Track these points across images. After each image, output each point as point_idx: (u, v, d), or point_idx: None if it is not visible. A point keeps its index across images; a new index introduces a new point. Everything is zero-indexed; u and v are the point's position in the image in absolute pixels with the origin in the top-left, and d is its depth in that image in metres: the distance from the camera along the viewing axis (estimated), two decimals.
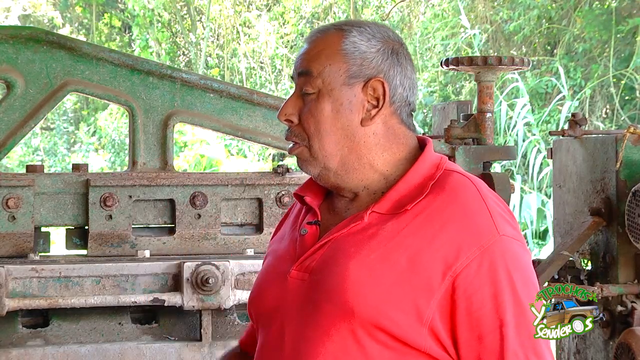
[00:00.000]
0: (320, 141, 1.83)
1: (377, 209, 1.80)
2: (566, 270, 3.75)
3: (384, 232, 1.76)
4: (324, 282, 1.77)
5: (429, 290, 1.71)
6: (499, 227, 1.74)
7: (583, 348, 3.90)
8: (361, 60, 1.83)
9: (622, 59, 12.51)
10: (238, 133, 3.55)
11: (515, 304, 1.72)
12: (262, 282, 1.92)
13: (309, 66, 1.84)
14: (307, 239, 1.87)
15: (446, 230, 1.73)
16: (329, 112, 1.83)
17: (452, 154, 3.62)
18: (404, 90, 1.86)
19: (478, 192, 1.78)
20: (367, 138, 1.84)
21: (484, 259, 1.71)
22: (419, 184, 1.81)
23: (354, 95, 1.83)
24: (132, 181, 3.37)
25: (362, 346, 1.72)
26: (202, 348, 3.18)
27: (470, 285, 1.70)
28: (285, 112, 1.87)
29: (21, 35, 3.36)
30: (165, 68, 3.50)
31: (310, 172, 1.87)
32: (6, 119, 3.34)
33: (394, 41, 1.87)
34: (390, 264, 1.73)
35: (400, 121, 1.86)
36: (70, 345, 3.13)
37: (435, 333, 1.72)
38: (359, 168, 1.84)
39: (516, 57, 3.67)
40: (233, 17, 16.70)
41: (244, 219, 3.51)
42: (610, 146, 3.64)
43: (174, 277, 3.14)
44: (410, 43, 14.87)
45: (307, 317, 1.77)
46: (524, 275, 1.75)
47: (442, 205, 1.76)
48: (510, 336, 1.70)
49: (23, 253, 3.26)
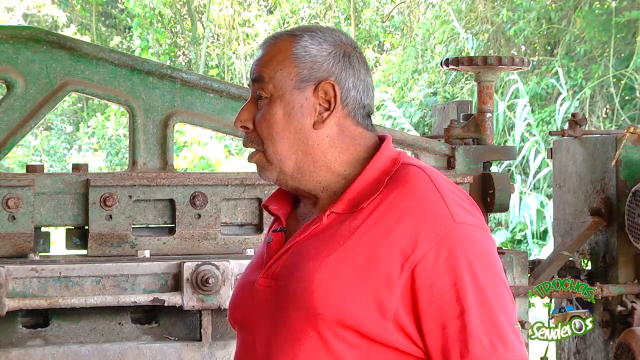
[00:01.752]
0: (274, 145, 1.85)
1: (336, 209, 1.82)
2: (566, 270, 3.75)
3: (341, 231, 1.78)
4: (288, 287, 1.78)
5: (389, 284, 1.71)
6: (455, 215, 1.74)
7: (583, 348, 3.90)
8: (311, 64, 1.84)
9: (622, 59, 12.52)
10: (238, 133, 3.54)
11: (476, 291, 1.71)
12: (236, 292, 1.96)
13: (261, 71, 1.86)
14: (273, 246, 1.89)
15: (402, 223, 1.74)
16: (281, 117, 1.84)
17: (452, 154, 3.62)
18: (357, 92, 1.87)
19: (432, 182, 1.79)
20: (321, 141, 1.85)
21: (442, 247, 1.71)
22: (375, 179, 1.82)
23: (305, 98, 1.84)
24: (132, 181, 3.36)
25: (329, 347, 1.73)
26: (202, 348, 3.18)
27: (430, 274, 1.71)
28: (241, 118, 1.89)
29: (21, 35, 3.36)
30: (165, 68, 3.50)
31: (269, 178, 1.89)
32: (6, 119, 3.34)
33: (346, 45, 1.88)
34: (349, 262, 1.74)
35: (355, 123, 1.87)
36: (70, 345, 3.13)
37: (401, 326, 1.72)
38: (315, 170, 1.86)
39: (516, 57, 3.67)
40: (232, 17, 16.69)
41: (244, 219, 3.51)
42: (610, 146, 3.64)
43: (174, 277, 3.14)
44: (411, 43, 14.87)
45: (275, 323, 1.79)
46: (484, 261, 1.74)
47: (396, 198, 1.77)
48: (473, 323, 1.69)
49: (23, 253, 3.26)
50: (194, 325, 3.26)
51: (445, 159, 3.61)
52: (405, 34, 15.39)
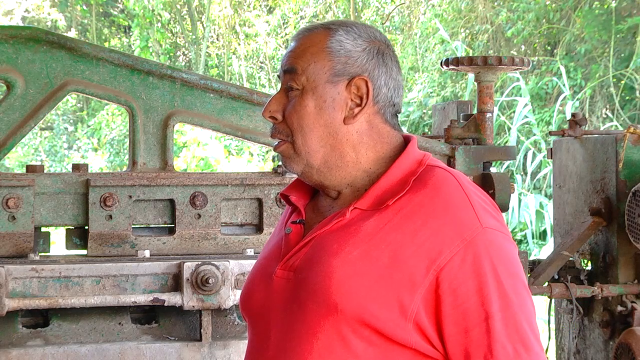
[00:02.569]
0: (303, 137, 1.84)
1: (359, 205, 1.81)
2: (566, 270, 3.75)
3: (365, 229, 1.77)
4: (308, 280, 1.77)
5: (412, 285, 1.71)
6: (482, 220, 1.75)
7: (583, 348, 3.90)
8: (346, 59, 1.84)
9: (622, 59, 12.51)
10: (238, 133, 3.55)
11: (500, 296, 1.71)
12: (250, 282, 1.95)
13: (294, 63, 1.86)
14: (292, 238, 1.88)
15: (428, 225, 1.73)
16: (312, 109, 1.84)
17: (452, 154, 3.62)
18: (388, 90, 1.87)
19: (460, 185, 1.79)
20: (350, 136, 1.85)
21: (468, 251, 1.71)
22: (401, 179, 1.82)
23: (338, 93, 1.84)
24: (132, 181, 3.37)
25: (347, 343, 1.72)
26: (202, 348, 3.18)
27: (455, 278, 1.71)
28: (270, 109, 1.88)
29: (21, 35, 3.36)
30: (165, 68, 3.50)
31: (294, 170, 1.88)
32: (6, 119, 3.34)
33: (380, 42, 1.88)
34: (372, 260, 1.74)
35: (384, 120, 1.87)
36: (70, 345, 3.13)
37: (421, 328, 1.72)
38: (341, 166, 1.86)
39: (516, 57, 3.67)
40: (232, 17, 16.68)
41: (244, 219, 3.51)
42: (610, 146, 3.64)
43: (174, 277, 3.14)
44: (411, 44, 14.87)
45: (292, 315, 1.78)
46: (508, 267, 1.75)
47: (423, 200, 1.77)
48: (497, 329, 1.70)
49: (23, 253, 3.26)
50: (194, 325, 3.26)
51: (445, 159, 3.61)
52: (405, 34, 15.39)
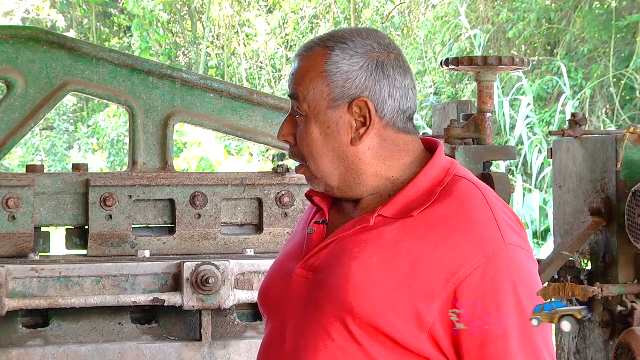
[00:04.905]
0: (316, 163, 1.86)
1: (384, 213, 1.81)
2: (566, 270, 3.75)
3: (388, 236, 1.77)
4: (327, 281, 1.78)
5: (430, 296, 1.71)
6: (505, 236, 1.74)
7: (583, 348, 3.90)
8: (344, 82, 1.83)
9: (622, 59, 12.51)
10: (238, 133, 3.55)
11: (519, 314, 1.71)
12: (270, 278, 1.96)
13: (296, 90, 1.86)
14: (314, 238, 1.89)
15: (451, 238, 1.73)
16: (318, 136, 1.85)
17: (452, 154, 3.61)
18: (394, 101, 1.85)
19: (485, 200, 1.78)
20: (362, 155, 1.85)
21: (489, 267, 1.71)
22: (428, 189, 1.81)
23: (340, 117, 1.83)
24: (132, 181, 3.37)
25: (361, 345, 1.73)
26: (202, 348, 3.18)
27: (474, 293, 1.70)
28: (283, 133, 1.91)
29: (21, 35, 3.36)
30: (165, 68, 3.50)
31: (318, 189, 1.90)
32: (6, 119, 3.34)
33: (379, 52, 1.85)
34: (392, 268, 1.73)
35: (396, 130, 1.86)
36: (70, 345, 3.13)
37: (436, 339, 1.72)
38: (361, 182, 1.86)
39: (516, 57, 3.67)
40: (232, 17, 16.68)
41: (244, 219, 3.51)
42: (610, 146, 3.64)
43: (174, 277, 3.14)
44: (411, 44, 14.87)
45: (308, 314, 1.78)
46: (528, 285, 1.74)
47: (448, 212, 1.76)
48: (513, 347, 1.70)
49: (23, 253, 3.26)
50: (194, 325, 3.26)
51: None
52: (406, 34, 15.38)
